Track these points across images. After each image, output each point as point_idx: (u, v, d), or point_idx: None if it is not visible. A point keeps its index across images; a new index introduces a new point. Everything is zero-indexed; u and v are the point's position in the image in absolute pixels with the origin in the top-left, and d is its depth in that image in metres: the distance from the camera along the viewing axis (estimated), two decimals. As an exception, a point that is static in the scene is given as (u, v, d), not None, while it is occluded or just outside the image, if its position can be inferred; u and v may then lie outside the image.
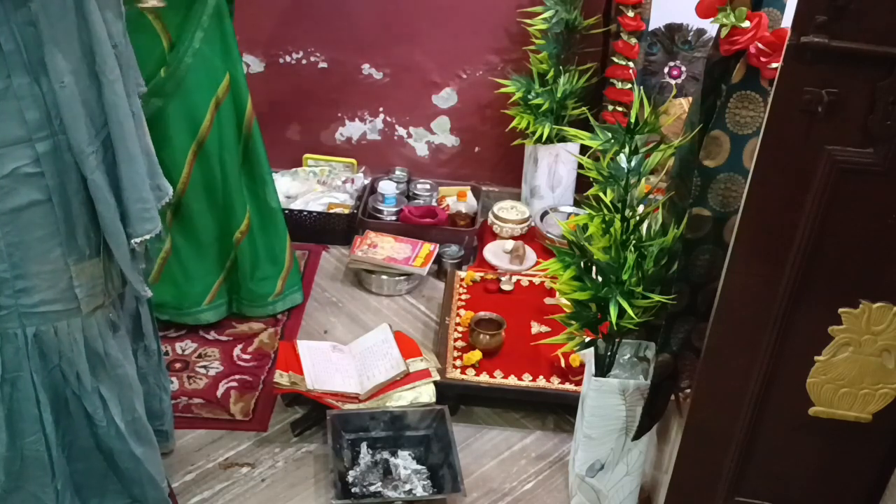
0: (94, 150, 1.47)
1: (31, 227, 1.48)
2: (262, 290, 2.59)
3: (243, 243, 2.50)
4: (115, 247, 1.56)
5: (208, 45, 2.25)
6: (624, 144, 1.72)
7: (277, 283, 2.62)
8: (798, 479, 1.72)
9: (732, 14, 1.51)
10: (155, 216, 1.60)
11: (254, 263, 2.56)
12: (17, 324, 1.54)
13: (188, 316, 2.52)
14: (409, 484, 2.06)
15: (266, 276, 2.60)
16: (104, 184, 1.50)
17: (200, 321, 2.54)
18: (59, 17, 1.37)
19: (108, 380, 1.67)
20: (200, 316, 2.53)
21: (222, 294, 2.57)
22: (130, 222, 1.56)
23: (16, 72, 1.38)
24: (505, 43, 3.01)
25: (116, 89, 1.46)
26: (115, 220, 1.53)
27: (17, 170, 1.43)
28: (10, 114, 1.39)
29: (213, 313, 2.55)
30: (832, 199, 1.42)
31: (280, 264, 2.62)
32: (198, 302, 2.51)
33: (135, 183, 1.54)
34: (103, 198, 1.50)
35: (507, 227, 3.00)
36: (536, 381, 2.30)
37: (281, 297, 2.64)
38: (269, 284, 2.61)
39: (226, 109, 2.35)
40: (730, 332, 1.59)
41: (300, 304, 2.69)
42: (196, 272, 2.49)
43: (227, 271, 2.55)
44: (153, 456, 1.80)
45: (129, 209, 1.55)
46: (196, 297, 2.51)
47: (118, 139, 1.49)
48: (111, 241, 1.55)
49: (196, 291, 2.50)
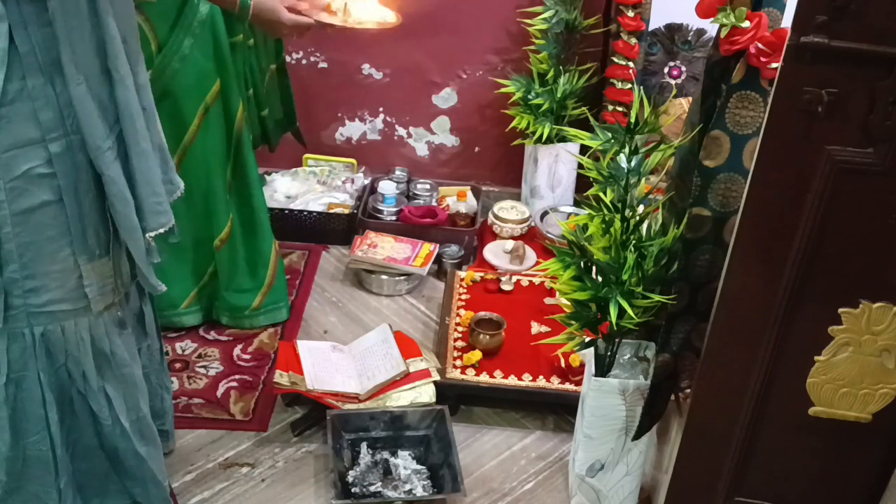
0: (110, 146, 1.47)
1: (42, 227, 1.48)
2: (237, 301, 2.54)
3: (223, 251, 2.46)
4: (131, 242, 1.56)
5: (199, 51, 2.22)
6: (624, 144, 1.72)
7: (256, 298, 2.55)
8: (798, 479, 1.73)
9: (732, 14, 1.51)
10: (168, 210, 1.60)
11: (231, 273, 2.51)
12: (25, 323, 1.54)
13: (164, 318, 2.46)
14: (409, 484, 2.06)
15: (243, 288, 2.54)
16: (121, 179, 1.50)
17: (175, 324, 2.52)
18: (74, 16, 1.37)
19: (113, 379, 1.67)
20: (175, 319, 2.51)
21: (200, 300, 2.54)
22: (144, 216, 1.56)
23: (31, 73, 1.38)
24: (505, 43, 3.01)
25: (128, 85, 1.46)
26: (131, 215, 1.53)
27: (29, 171, 1.43)
28: (24, 115, 1.39)
29: (190, 318, 2.53)
30: (832, 199, 1.42)
31: (260, 278, 2.55)
32: (174, 305, 2.49)
33: (148, 177, 1.54)
34: (120, 193, 1.50)
35: (507, 227, 3.00)
36: (536, 381, 2.31)
37: (260, 312, 2.58)
38: (247, 297, 2.55)
39: (214, 116, 2.32)
40: (730, 332, 1.59)
41: (284, 320, 2.62)
42: (173, 276, 2.44)
43: (207, 277, 2.51)
44: (157, 455, 1.80)
45: (143, 203, 1.55)
46: (172, 300, 2.48)
47: (130, 134, 1.49)
48: (127, 237, 1.55)
49: (172, 295, 2.46)
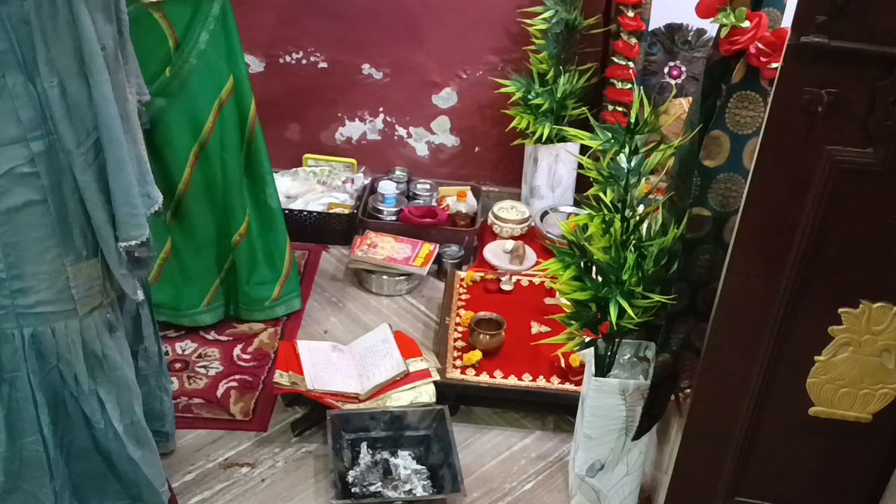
0: (84, 152, 1.47)
1: (27, 227, 1.48)
2: (258, 294, 2.58)
3: (241, 245, 2.49)
4: (104, 248, 1.56)
5: (213, 47, 2.24)
6: (624, 144, 1.72)
7: (275, 288, 2.60)
8: (798, 479, 1.72)
9: (732, 14, 1.51)
10: (143, 223, 1.58)
11: (251, 267, 2.55)
12: (15, 324, 1.54)
13: (185, 317, 2.51)
14: (409, 484, 2.06)
15: (263, 280, 2.59)
16: (94, 185, 1.50)
17: (197, 322, 2.54)
18: (50, 16, 1.37)
19: (106, 382, 1.67)
20: (197, 317, 2.53)
21: (220, 296, 2.56)
22: (119, 226, 1.55)
23: (10, 71, 1.37)
24: (505, 43, 3.01)
25: (104, 91, 1.45)
26: (104, 222, 1.53)
27: (12, 170, 1.43)
28: (4, 113, 1.39)
29: (210, 315, 2.55)
30: (832, 199, 1.42)
31: (278, 269, 2.60)
32: (195, 303, 2.51)
33: (123, 188, 1.52)
34: (92, 199, 1.50)
35: (507, 227, 3.00)
36: (536, 381, 2.30)
37: (279, 303, 2.62)
38: (267, 289, 2.59)
39: (229, 111, 2.35)
40: (730, 332, 1.59)
41: (298, 310, 2.67)
42: (194, 273, 2.49)
43: (224, 273, 2.54)
44: (151, 459, 1.80)
45: (118, 213, 1.54)
46: (194, 298, 2.51)
47: (106, 142, 1.48)
48: (101, 243, 1.55)
49: (194, 293, 2.50)
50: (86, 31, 1.40)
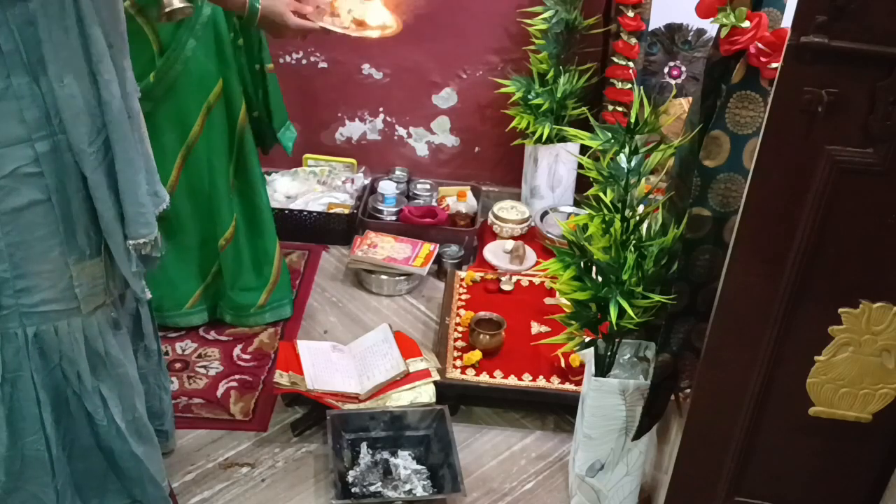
0: (95, 150, 1.47)
1: (31, 226, 1.48)
2: (243, 300, 2.55)
3: (227, 250, 2.46)
4: (113, 246, 1.56)
5: (202, 52, 2.22)
6: (624, 144, 1.72)
7: (261, 295, 2.56)
8: (798, 479, 1.72)
9: (732, 14, 1.51)
10: (151, 221, 1.59)
11: (236, 272, 2.52)
12: (18, 323, 1.54)
13: (169, 318, 2.49)
14: (409, 484, 2.06)
15: (249, 286, 2.55)
16: (104, 183, 1.50)
17: (180, 325, 2.53)
18: (57, 16, 1.37)
19: (108, 379, 1.67)
20: (180, 320, 2.52)
21: (205, 300, 2.54)
22: (127, 224, 1.56)
23: (15, 72, 1.38)
24: (505, 43, 3.01)
25: (112, 90, 1.46)
26: (113, 220, 1.54)
27: (17, 170, 1.43)
28: (10, 114, 1.39)
29: (195, 318, 2.54)
30: (832, 199, 1.42)
31: (265, 276, 2.56)
32: (179, 305, 2.50)
33: (131, 186, 1.53)
34: (102, 197, 1.51)
35: (507, 227, 3.00)
36: (536, 381, 2.30)
37: (265, 309, 2.58)
38: (252, 296, 2.55)
39: (217, 115, 2.32)
40: (730, 332, 1.59)
41: (288, 317, 2.63)
42: (178, 276, 2.46)
43: (211, 277, 2.52)
44: (154, 455, 1.81)
45: (126, 211, 1.55)
46: (177, 300, 2.49)
47: (115, 140, 1.49)
48: (109, 241, 1.56)
49: (177, 295, 2.48)
50: (93, 30, 1.41)
